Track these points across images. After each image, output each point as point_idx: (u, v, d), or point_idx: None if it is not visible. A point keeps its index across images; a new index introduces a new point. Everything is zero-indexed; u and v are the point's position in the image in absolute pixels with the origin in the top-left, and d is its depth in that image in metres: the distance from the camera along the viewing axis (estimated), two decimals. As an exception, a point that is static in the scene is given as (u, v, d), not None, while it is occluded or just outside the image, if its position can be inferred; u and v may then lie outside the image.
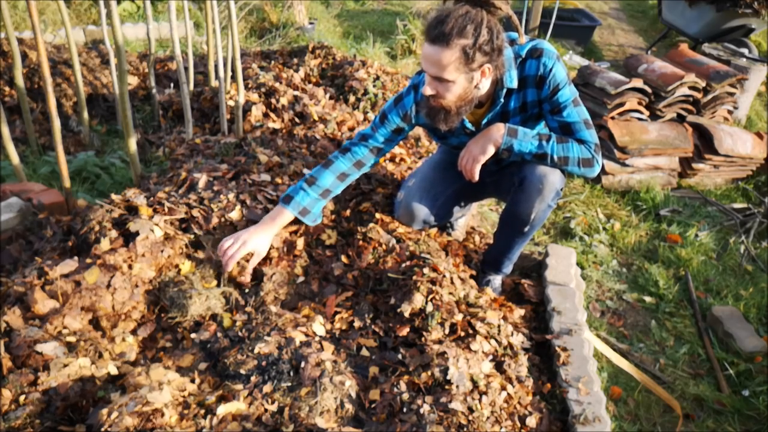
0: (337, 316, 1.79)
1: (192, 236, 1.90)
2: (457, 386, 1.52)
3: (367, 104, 3.36)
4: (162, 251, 1.80)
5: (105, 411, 1.30)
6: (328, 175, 1.86)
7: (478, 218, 2.69)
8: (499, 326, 1.77)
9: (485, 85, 1.66)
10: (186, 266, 1.84)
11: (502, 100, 1.72)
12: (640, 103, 3.32)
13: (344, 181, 1.90)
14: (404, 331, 1.70)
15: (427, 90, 1.63)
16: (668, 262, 2.65)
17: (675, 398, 1.92)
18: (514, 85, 1.69)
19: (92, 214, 1.89)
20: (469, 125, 1.82)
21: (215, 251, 1.84)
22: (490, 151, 1.73)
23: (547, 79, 1.67)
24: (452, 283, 1.86)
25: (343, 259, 1.98)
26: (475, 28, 1.51)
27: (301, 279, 1.94)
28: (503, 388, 1.59)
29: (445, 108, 1.65)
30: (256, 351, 1.53)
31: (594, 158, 1.72)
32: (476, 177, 1.78)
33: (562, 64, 1.69)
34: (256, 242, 1.79)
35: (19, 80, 2.42)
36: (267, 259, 1.95)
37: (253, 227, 1.82)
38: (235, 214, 1.98)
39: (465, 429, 1.43)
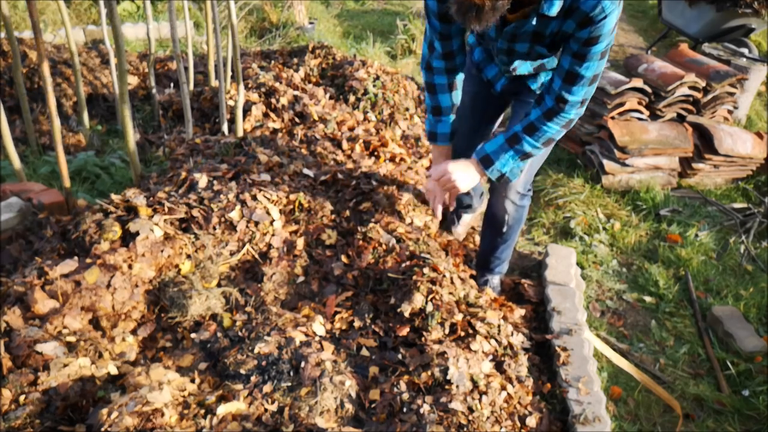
0: (337, 316, 1.79)
1: (192, 236, 1.90)
2: (457, 386, 1.52)
3: (367, 104, 3.36)
4: (162, 251, 1.80)
5: (105, 411, 1.30)
6: (443, 96, 1.85)
7: (478, 218, 2.69)
8: (499, 326, 1.77)
9: None
10: (186, 266, 1.84)
11: (533, 21, 1.50)
12: (640, 103, 3.32)
13: (456, 88, 1.86)
14: (404, 331, 1.70)
15: None
16: (668, 262, 2.65)
17: (675, 398, 1.92)
18: (553, 13, 1.44)
19: (92, 214, 1.89)
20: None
21: None
22: (473, 185, 1.78)
23: (593, 25, 1.43)
24: (452, 283, 1.86)
25: (343, 259, 1.98)
26: None
27: (301, 279, 1.94)
28: (503, 388, 1.59)
29: (477, 3, 1.37)
30: (256, 351, 1.53)
31: (569, 120, 1.62)
32: (443, 209, 1.92)
33: (618, 13, 1.45)
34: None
35: (19, 80, 2.42)
36: (267, 259, 1.95)
37: (435, 165, 1.86)
38: (235, 214, 1.98)
39: (465, 429, 1.43)
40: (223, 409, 1.38)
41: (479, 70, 1.93)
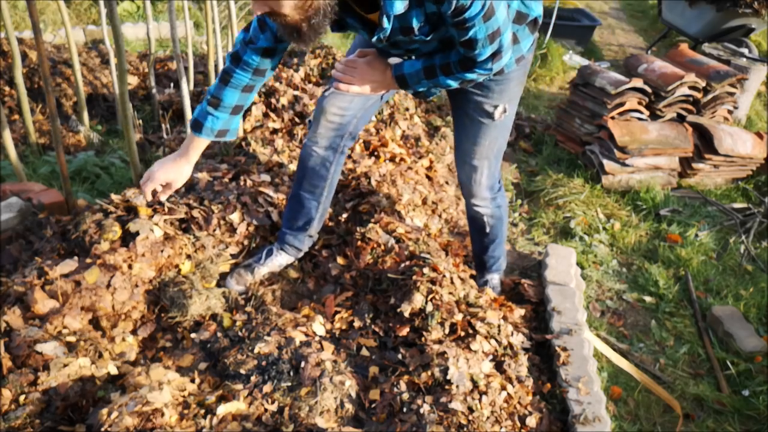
0: (337, 316, 1.79)
1: (192, 236, 1.90)
2: (457, 386, 1.52)
3: (367, 104, 3.36)
4: (162, 251, 1.80)
5: (105, 411, 1.30)
6: (231, 92, 1.60)
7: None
8: (499, 326, 1.77)
9: None
10: (186, 266, 1.84)
11: (386, 24, 1.35)
12: (640, 103, 3.32)
13: (252, 91, 1.63)
14: (404, 331, 1.70)
15: (256, 10, 1.27)
16: (668, 262, 2.65)
17: (675, 398, 1.92)
18: (397, 11, 1.31)
19: (92, 213, 1.89)
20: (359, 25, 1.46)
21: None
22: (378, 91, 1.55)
23: None
24: (452, 283, 1.86)
25: (339, 259, 1.98)
26: None
27: (299, 279, 1.94)
28: (503, 388, 1.59)
29: (291, 24, 1.29)
30: (256, 351, 1.53)
31: (487, 71, 1.45)
32: (342, 88, 1.54)
33: None
34: (168, 175, 1.62)
35: (19, 80, 2.42)
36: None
37: (168, 159, 1.64)
38: (235, 216, 1.98)
39: (465, 429, 1.43)
40: (223, 409, 1.38)
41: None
